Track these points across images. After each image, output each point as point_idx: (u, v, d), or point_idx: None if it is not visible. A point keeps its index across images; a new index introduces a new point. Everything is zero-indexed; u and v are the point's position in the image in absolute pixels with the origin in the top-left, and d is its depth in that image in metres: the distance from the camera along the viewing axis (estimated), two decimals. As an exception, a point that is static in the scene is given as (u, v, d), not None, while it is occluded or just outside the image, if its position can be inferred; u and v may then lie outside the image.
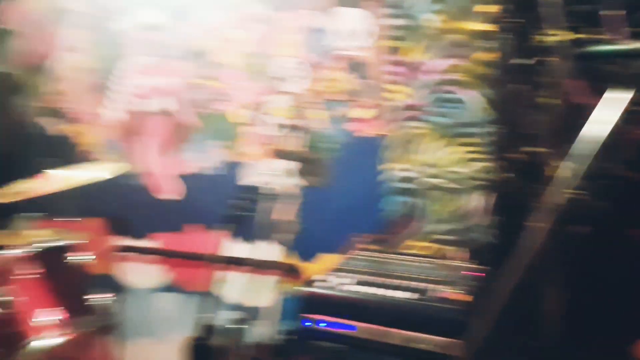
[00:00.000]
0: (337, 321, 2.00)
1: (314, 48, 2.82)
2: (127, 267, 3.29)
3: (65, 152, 3.29)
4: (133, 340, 3.25)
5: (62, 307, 2.10)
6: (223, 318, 2.81)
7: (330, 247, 2.77)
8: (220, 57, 3.00)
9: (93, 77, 3.31)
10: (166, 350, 3.16)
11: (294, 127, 2.84)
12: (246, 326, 2.82)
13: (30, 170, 2.74)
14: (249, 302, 2.99)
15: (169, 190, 3.15)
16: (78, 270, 2.27)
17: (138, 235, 3.24)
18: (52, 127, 3.46)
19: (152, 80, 3.15)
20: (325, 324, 2.01)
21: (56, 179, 2.59)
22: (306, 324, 2.03)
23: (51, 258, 2.19)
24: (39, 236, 2.53)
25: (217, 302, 2.89)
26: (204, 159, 3.07)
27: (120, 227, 3.30)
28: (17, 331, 2.01)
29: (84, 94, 3.35)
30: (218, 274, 2.80)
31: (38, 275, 2.09)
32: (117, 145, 3.26)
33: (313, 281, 2.11)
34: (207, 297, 2.79)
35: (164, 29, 3.08)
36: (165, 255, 3.20)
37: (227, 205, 2.79)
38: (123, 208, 3.25)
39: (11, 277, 2.05)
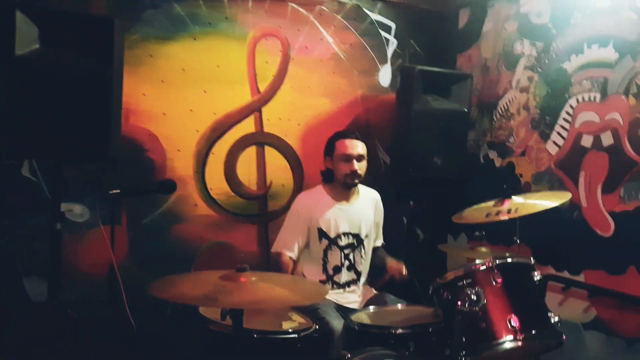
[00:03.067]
0: None
1: None
2: (552, 298, 3.31)
3: (509, 183, 3.55)
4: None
5: (519, 316, 2.33)
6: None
7: None
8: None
9: (536, 113, 3.55)
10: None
11: None
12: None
13: (480, 197, 3.09)
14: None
15: (600, 226, 3.13)
16: (535, 286, 2.48)
17: (567, 267, 3.30)
18: (499, 159, 3.83)
19: (591, 116, 3.20)
20: None
21: (507, 207, 2.86)
22: None
23: (512, 271, 2.43)
24: (485, 254, 2.84)
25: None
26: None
27: (549, 256, 3.38)
28: (481, 328, 2.34)
29: (527, 129, 3.62)
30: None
31: (499, 284, 2.39)
32: (557, 178, 3.40)
33: None
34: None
35: (611, 65, 3.09)
36: (593, 292, 3.15)
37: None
38: (556, 238, 3.35)
39: (479, 283, 2.39)
